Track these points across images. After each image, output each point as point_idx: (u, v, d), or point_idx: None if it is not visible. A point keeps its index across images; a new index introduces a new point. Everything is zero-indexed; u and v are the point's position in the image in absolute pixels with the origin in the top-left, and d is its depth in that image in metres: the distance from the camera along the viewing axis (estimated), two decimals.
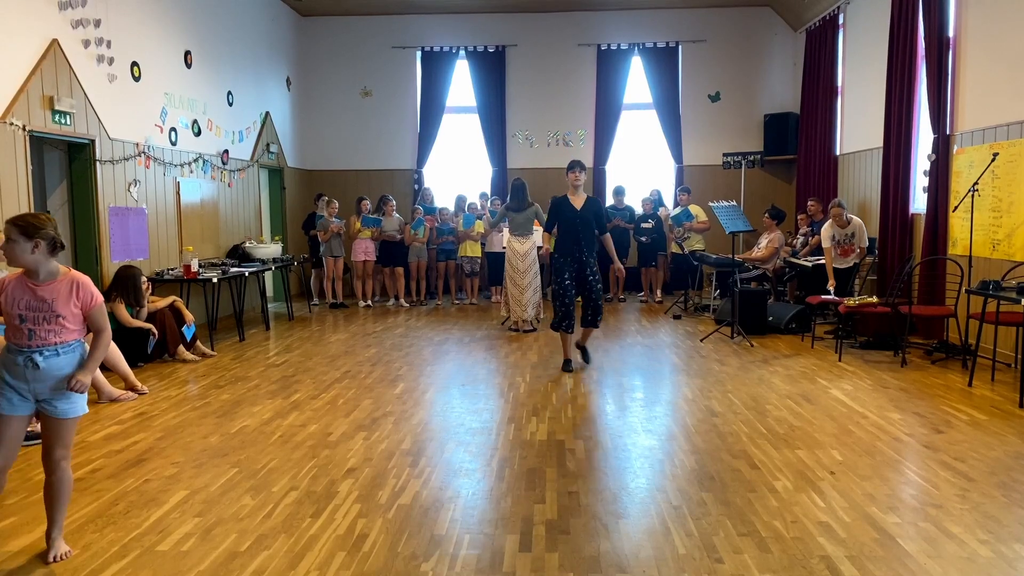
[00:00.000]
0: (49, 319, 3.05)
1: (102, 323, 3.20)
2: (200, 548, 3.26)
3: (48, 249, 3.03)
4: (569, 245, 6.58)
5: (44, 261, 3.05)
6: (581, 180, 6.73)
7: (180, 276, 7.79)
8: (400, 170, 12.64)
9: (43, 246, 3.01)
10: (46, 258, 3.05)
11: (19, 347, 3.06)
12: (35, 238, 2.99)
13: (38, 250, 3.01)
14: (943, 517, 3.49)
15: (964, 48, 7.32)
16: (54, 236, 3.04)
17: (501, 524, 3.47)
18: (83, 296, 3.11)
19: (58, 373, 3.10)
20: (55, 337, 3.08)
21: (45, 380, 3.08)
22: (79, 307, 3.11)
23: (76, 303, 3.10)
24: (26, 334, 3.05)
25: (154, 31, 8.08)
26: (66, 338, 3.10)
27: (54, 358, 3.08)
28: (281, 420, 5.18)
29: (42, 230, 3.01)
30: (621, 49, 12.29)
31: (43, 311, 3.05)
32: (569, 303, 6.55)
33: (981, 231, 6.89)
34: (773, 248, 9.63)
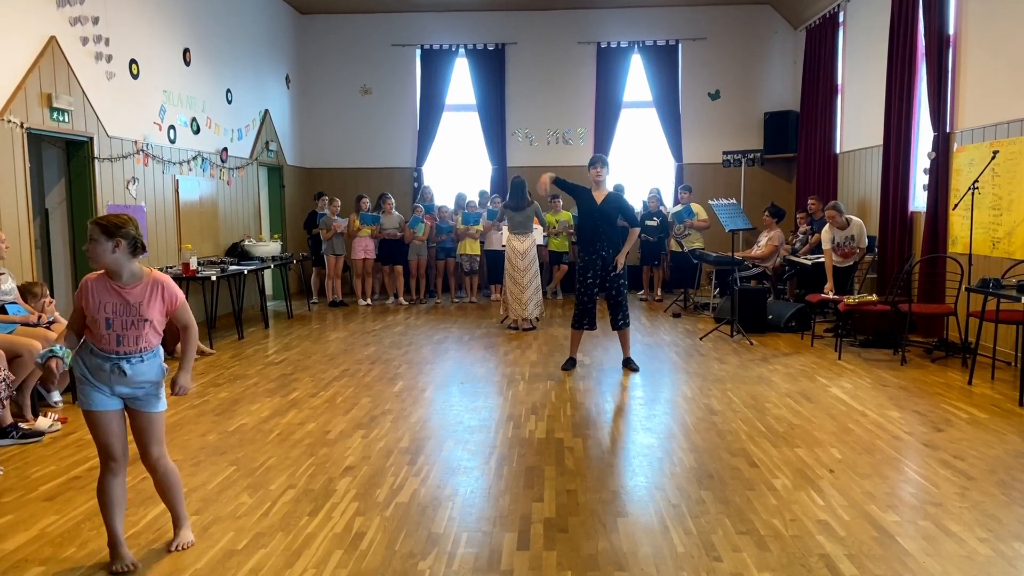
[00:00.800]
0: (137, 324, 3.00)
1: (187, 319, 3.19)
2: (197, 546, 3.25)
3: (129, 249, 2.98)
4: (590, 239, 6.43)
5: (126, 262, 3.00)
6: (603, 176, 6.53)
7: (179, 274, 7.77)
8: (400, 168, 12.63)
9: (124, 246, 2.96)
10: (128, 259, 3.00)
11: (105, 353, 3.01)
12: (115, 237, 2.94)
13: (119, 250, 2.96)
14: (942, 515, 3.48)
15: (964, 46, 7.30)
16: (135, 236, 2.99)
17: (499, 522, 3.47)
18: (168, 297, 3.08)
19: (143, 379, 3.07)
20: (141, 343, 3.04)
21: (130, 385, 3.06)
22: (165, 309, 3.08)
23: (162, 305, 3.07)
24: (114, 340, 2.99)
25: (153, 28, 8.06)
26: (151, 343, 3.08)
27: (140, 364, 3.04)
28: (279, 418, 5.17)
29: (122, 229, 2.96)
30: (621, 47, 12.27)
31: (131, 315, 3.00)
32: (589, 301, 6.44)
33: (981, 229, 6.88)
34: (773, 246, 9.62)
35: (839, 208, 7.81)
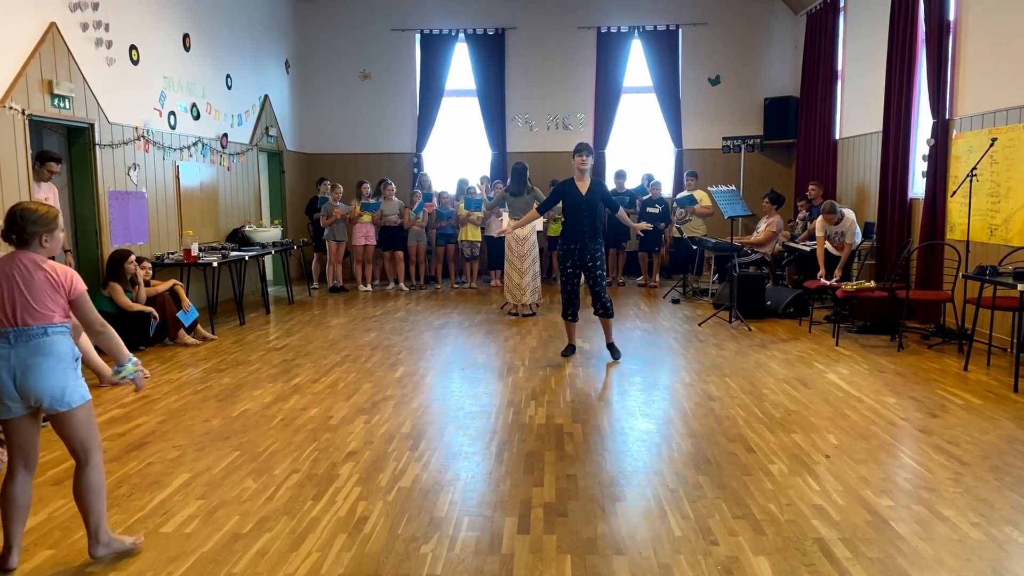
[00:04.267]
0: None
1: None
2: (203, 530, 3.31)
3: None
4: (574, 231, 6.37)
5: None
6: (588, 164, 6.35)
7: (180, 260, 7.81)
8: (399, 153, 12.62)
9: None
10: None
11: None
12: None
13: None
14: (936, 500, 3.54)
15: (964, 33, 7.30)
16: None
17: (500, 507, 3.52)
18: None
19: None
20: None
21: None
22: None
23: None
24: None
25: (152, 14, 8.05)
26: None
27: None
28: (282, 404, 5.22)
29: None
30: (621, 32, 12.23)
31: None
32: (571, 291, 6.47)
33: (979, 216, 6.91)
34: (771, 232, 9.65)
35: (834, 208, 7.87)
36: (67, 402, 2.91)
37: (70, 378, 2.92)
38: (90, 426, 3.01)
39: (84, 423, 2.98)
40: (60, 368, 2.89)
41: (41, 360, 2.87)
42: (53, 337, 2.90)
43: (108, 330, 3.03)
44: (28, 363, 2.85)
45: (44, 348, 2.88)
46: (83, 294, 2.99)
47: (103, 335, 3.02)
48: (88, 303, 3.01)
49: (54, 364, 2.88)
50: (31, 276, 2.89)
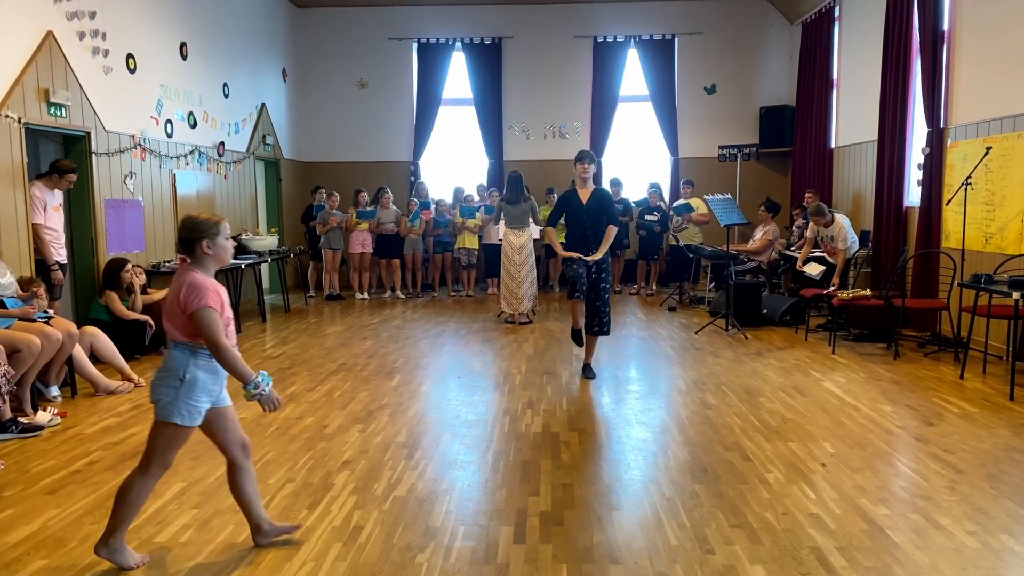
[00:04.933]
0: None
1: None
2: (198, 539, 3.29)
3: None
4: (577, 241, 6.09)
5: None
6: (590, 172, 6.09)
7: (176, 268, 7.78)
8: (397, 162, 12.64)
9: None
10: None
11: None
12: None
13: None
14: (932, 509, 3.54)
15: (958, 42, 7.34)
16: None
17: (496, 516, 3.51)
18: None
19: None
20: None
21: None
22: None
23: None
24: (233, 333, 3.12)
25: (149, 23, 8.06)
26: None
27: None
28: (277, 412, 5.19)
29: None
30: (617, 41, 12.28)
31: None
32: (578, 279, 5.98)
33: (974, 224, 6.93)
34: (767, 240, 9.67)
35: (822, 210, 7.92)
36: (158, 411, 2.99)
37: (170, 396, 2.95)
38: (163, 446, 3.02)
39: (157, 438, 3.01)
40: (163, 381, 2.97)
41: (160, 367, 3.02)
42: (172, 352, 2.99)
43: (221, 352, 2.92)
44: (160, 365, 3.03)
45: (164, 358, 3.02)
46: (199, 311, 2.88)
47: (217, 355, 2.94)
48: (203, 320, 2.88)
49: (163, 376, 2.98)
50: (174, 289, 2.97)
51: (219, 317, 2.92)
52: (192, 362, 2.95)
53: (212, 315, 2.89)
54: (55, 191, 6.37)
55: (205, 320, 2.88)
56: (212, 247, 3.01)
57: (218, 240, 3.02)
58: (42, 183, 6.28)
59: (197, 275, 2.97)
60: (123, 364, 5.97)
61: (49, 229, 6.26)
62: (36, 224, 6.15)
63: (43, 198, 6.21)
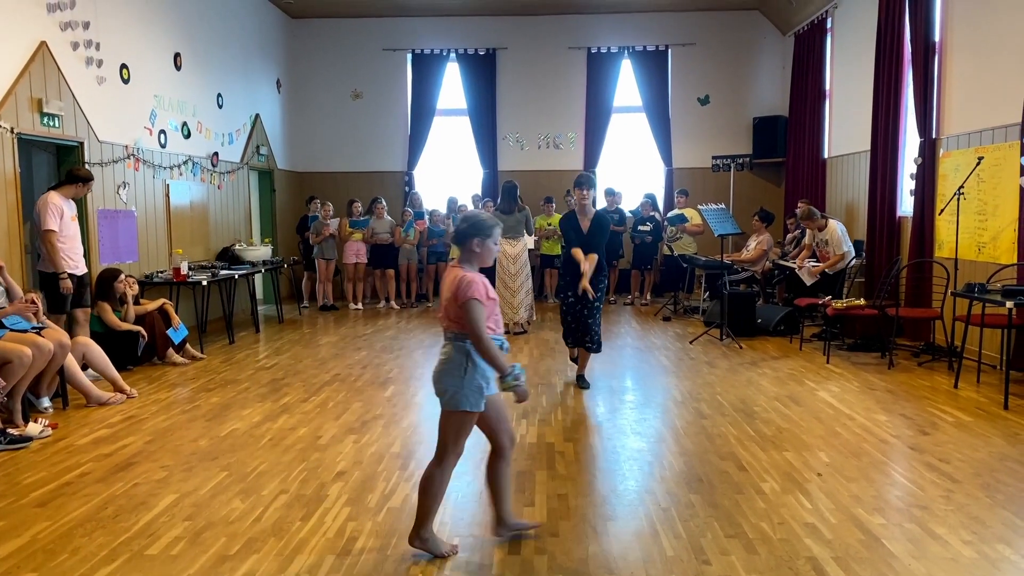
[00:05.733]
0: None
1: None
2: (190, 552, 3.26)
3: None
4: (575, 268, 6.02)
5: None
6: (589, 199, 6.09)
7: (170, 279, 7.77)
8: (391, 172, 12.64)
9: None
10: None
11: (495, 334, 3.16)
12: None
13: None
14: (928, 518, 3.53)
15: (949, 53, 7.39)
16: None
17: (490, 527, 3.49)
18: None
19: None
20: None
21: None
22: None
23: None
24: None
25: (144, 33, 8.06)
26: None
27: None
28: (271, 423, 5.17)
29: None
30: (611, 52, 12.33)
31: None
32: (573, 321, 6.18)
33: (967, 234, 6.96)
34: (761, 250, 9.69)
35: (812, 215, 7.96)
36: (446, 402, 3.13)
37: (456, 385, 3.09)
38: (456, 434, 3.16)
39: (449, 427, 3.16)
40: (449, 371, 3.11)
41: (441, 359, 3.16)
42: (453, 344, 3.13)
43: (483, 342, 3.05)
44: (439, 359, 3.18)
45: (442, 351, 3.17)
46: (468, 302, 3.03)
47: (478, 344, 3.06)
48: (471, 311, 3.03)
49: (446, 367, 3.12)
50: (448, 285, 3.12)
51: (484, 311, 3.07)
52: (473, 351, 3.10)
53: (479, 307, 3.05)
54: (71, 201, 6.30)
55: (473, 311, 3.04)
56: (481, 246, 3.17)
57: (487, 242, 3.18)
58: (59, 193, 6.18)
59: (467, 271, 3.13)
60: (115, 375, 5.93)
61: (64, 238, 6.15)
62: (50, 231, 6.03)
63: (61, 206, 6.12)
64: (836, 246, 7.91)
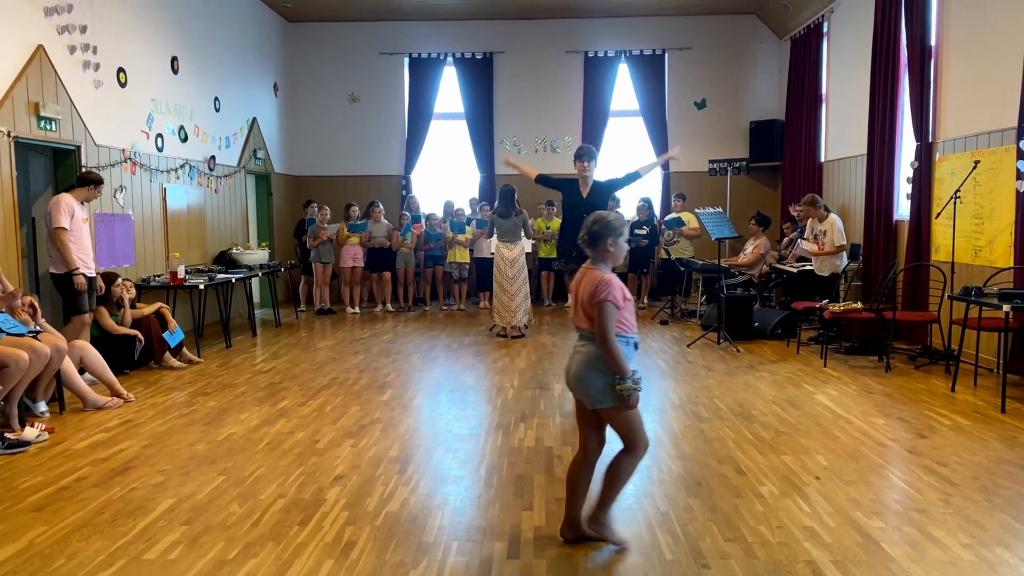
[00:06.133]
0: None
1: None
2: (187, 556, 3.25)
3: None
4: (571, 240, 5.68)
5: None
6: (590, 171, 6.09)
7: (167, 283, 7.75)
8: (388, 176, 12.64)
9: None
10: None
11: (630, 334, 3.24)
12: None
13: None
14: (926, 522, 3.53)
15: (946, 57, 7.41)
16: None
17: (489, 531, 3.48)
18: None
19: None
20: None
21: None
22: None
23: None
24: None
25: (141, 37, 8.06)
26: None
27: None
28: (268, 427, 5.16)
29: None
30: (608, 56, 12.35)
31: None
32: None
33: (963, 238, 6.97)
34: (758, 254, 9.70)
35: (815, 202, 8.03)
36: (595, 400, 3.19)
37: (601, 381, 3.15)
38: (628, 426, 3.24)
39: (621, 423, 3.23)
40: (593, 369, 3.16)
41: (577, 360, 3.22)
42: (591, 344, 3.17)
43: (609, 344, 3.09)
44: (573, 359, 3.26)
45: (581, 350, 3.22)
46: (603, 302, 3.09)
47: (605, 349, 3.11)
48: (604, 311, 3.08)
49: (590, 367, 3.17)
50: (586, 287, 3.18)
51: (617, 313, 3.12)
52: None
53: (613, 309, 3.11)
54: (83, 203, 6.33)
55: (605, 312, 3.09)
56: (615, 245, 3.21)
57: (620, 241, 3.23)
58: (71, 195, 6.21)
59: (604, 271, 3.19)
60: (112, 379, 5.91)
61: (75, 239, 6.17)
62: (60, 228, 6.05)
63: (72, 206, 6.15)
64: (833, 238, 7.93)
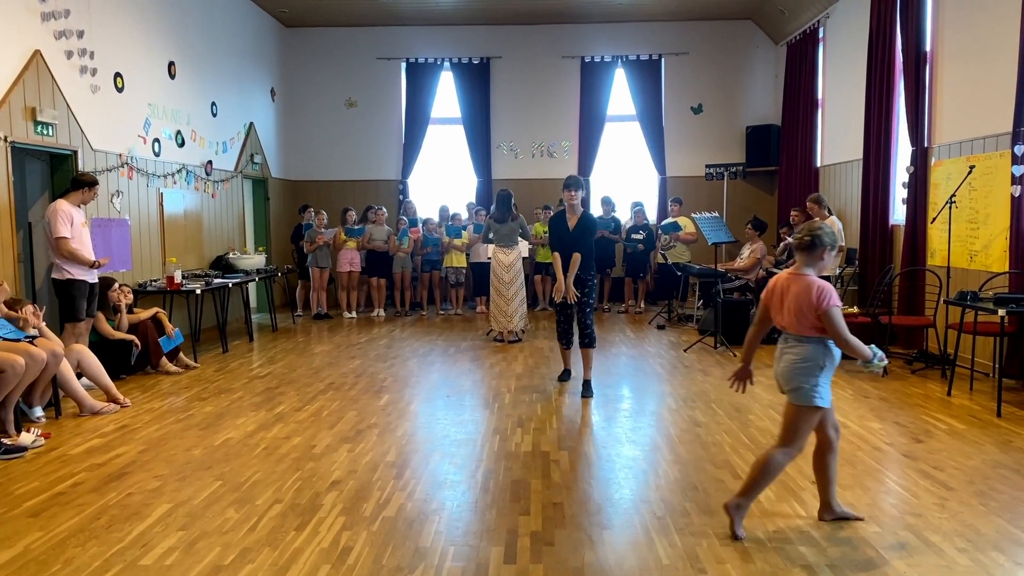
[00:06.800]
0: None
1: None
2: (184, 562, 3.24)
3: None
4: (561, 266, 6.24)
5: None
6: (577, 199, 6.26)
7: (163, 288, 7.75)
8: (385, 180, 12.65)
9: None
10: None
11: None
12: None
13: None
14: (922, 526, 3.53)
15: (940, 62, 7.44)
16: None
17: (486, 536, 3.48)
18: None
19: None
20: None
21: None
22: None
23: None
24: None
25: (138, 42, 8.06)
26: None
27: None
28: (265, 432, 5.16)
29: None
30: (605, 61, 12.38)
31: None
32: (563, 322, 6.42)
33: (959, 242, 7.00)
34: (755, 258, 9.71)
35: (820, 200, 8.06)
36: (799, 397, 3.39)
37: (812, 382, 3.36)
38: (806, 427, 3.43)
39: (798, 421, 3.41)
40: (805, 369, 3.37)
41: (787, 359, 3.43)
42: (804, 345, 3.38)
43: (848, 342, 3.30)
44: (782, 359, 3.47)
45: (790, 352, 3.43)
46: (830, 309, 3.29)
47: (845, 345, 3.31)
48: (833, 317, 3.29)
49: (802, 366, 3.38)
50: (800, 293, 3.36)
51: (841, 313, 3.34)
52: (824, 352, 3.37)
53: (839, 312, 3.32)
54: (80, 207, 6.27)
55: (835, 317, 3.30)
56: (827, 255, 3.42)
57: (832, 252, 3.44)
58: (67, 200, 6.15)
59: (814, 278, 3.39)
60: (109, 384, 5.90)
61: (76, 244, 6.11)
62: (62, 238, 5.99)
63: (70, 213, 6.10)
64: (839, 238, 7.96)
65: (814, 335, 3.35)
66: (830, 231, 3.45)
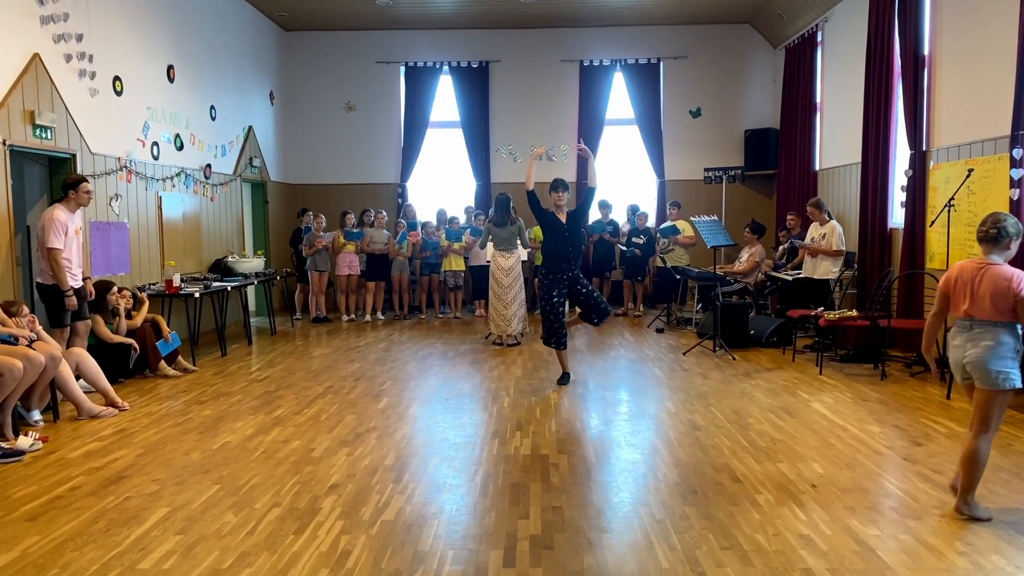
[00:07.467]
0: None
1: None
2: (182, 566, 3.23)
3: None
4: (558, 261, 6.55)
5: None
6: (564, 200, 6.70)
7: (162, 291, 7.74)
8: (384, 184, 12.65)
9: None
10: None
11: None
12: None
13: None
14: (922, 529, 3.53)
15: (939, 66, 7.45)
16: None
17: (485, 540, 3.48)
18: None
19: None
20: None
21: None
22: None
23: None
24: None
25: (137, 45, 8.06)
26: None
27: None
28: (263, 436, 5.15)
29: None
30: (603, 65, 12.40)
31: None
32: (556, 321, 6.53)
33: (957, 246, 7.00)
34: (754, 262, 9.72)
35: (820, 205, 8.09)
36: (999, 382, 3.51)
37: (1011, 366, 3.51)
38: (1001, 410, 3.56)
39: (995, 405, 3.55)
40: (1002, 355, 3.51)
41: (982, 346, 3.54)
42: (998, 330, 3.52)
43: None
44: (975, 346, 3.57)
45: (983, 338, 3.55)
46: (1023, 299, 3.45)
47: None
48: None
49: (1000, 351, 3.51)
50: (981, 278, 3.55)
51: None
52: (1018, 336, 3.53)
53: None
54: (75, 213, 6.14)
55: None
56: (1013, 245, 3.58)
57: (1017, 241, 3.59)
58: (62, 206, 6.03)
59: (1007, 267, 3.54)
60: (107, 387, 5.89)
61: (67, 253, 5.97)
62: (54, 249, 5.85)
63: (65, 222, 5.94)
64: (832, 242, 7.95)
65: (1008, 319, 3.49)
66: (1014, 221, 3.60)
